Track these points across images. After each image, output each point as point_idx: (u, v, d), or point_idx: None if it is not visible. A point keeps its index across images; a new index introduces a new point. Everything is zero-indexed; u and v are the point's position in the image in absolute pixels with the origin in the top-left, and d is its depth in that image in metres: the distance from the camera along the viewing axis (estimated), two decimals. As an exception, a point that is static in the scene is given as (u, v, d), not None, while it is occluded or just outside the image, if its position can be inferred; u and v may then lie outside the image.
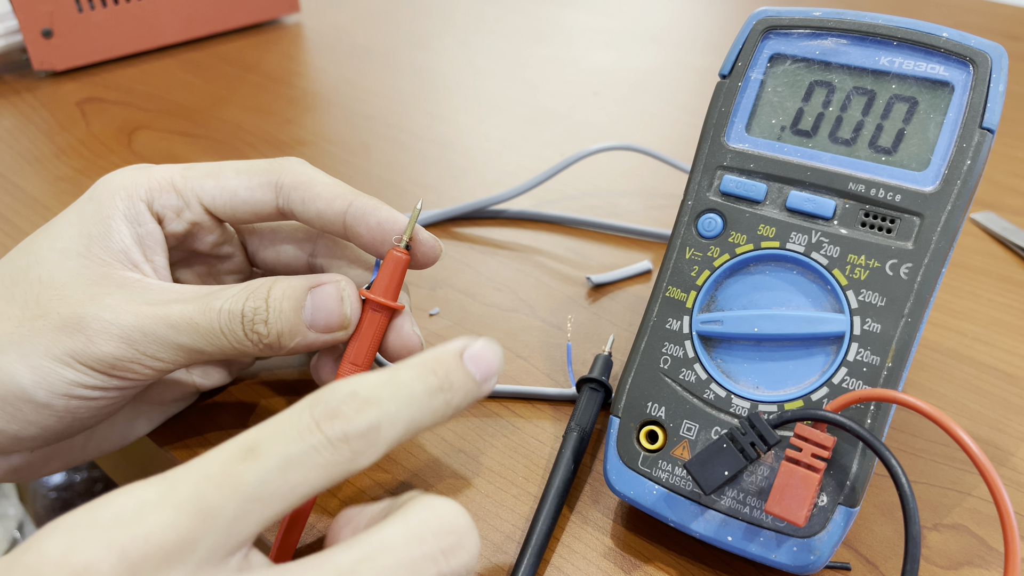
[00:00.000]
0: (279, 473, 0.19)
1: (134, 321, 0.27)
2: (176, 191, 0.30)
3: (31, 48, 0.65)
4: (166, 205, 0.30)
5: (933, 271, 0.26)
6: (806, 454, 0.25)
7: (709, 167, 0.30)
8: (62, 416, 0.27)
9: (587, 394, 0.33)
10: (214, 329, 0.28)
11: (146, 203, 0.30)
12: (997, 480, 0.23)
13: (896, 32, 0.28)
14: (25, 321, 0.27)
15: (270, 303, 0.28)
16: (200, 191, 0.30)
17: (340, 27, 0.79)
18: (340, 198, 0.30)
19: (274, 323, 0.28)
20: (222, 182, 0.30)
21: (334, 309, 0.29)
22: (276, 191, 0.31)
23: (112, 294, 0.28)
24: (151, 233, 0.30)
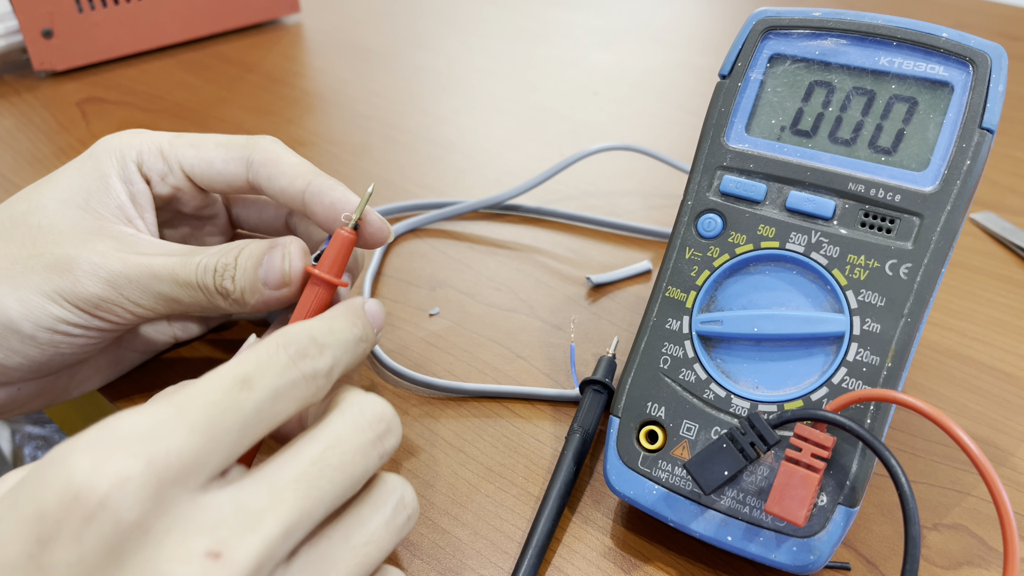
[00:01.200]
0: (270, 402, 0.22)
1: (121, 267, 0.29)
2: (162, 156, 0.33)
3: (31, 48, 0.65)
4: (152, 168, 0.33)
5: (933, 271, 0.26)
6: (806, 454, 0.25)
7: (709, 167, 0.30)
8: (45, 349, 0.30)
9: (590, 396, 0.33)
10: (191, 281, 0.30)
11: (137, 164, 0.32)
12: (996, 480, 0.23)
13: (896, 32, 0.28)
14: (20, 259, 0.29)
15: (238, 261, 0.30)
16: (182, 159, 0.33)
17: (340, 27, 0.79)
18: (301, 177, 0.32)
19: (239, 280, 0.30)
20: (202, 152, 0.33)
21: (278, 267, 0.31)
22: (247, 166, 0.33)
23: (104, 242, 0.30)
24: (142, 192, 0.32)
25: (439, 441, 0.34)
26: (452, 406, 0.35)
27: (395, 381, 0.37)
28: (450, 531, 0.30)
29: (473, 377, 0.37)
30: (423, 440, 0.34)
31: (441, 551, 0.29)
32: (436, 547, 0.29)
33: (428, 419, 0.35)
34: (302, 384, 0.23)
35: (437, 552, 0.29)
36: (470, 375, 0.37)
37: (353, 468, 0.23)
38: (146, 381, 0.36)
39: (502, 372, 0.37)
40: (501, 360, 0.38)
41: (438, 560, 0.29)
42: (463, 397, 0.36)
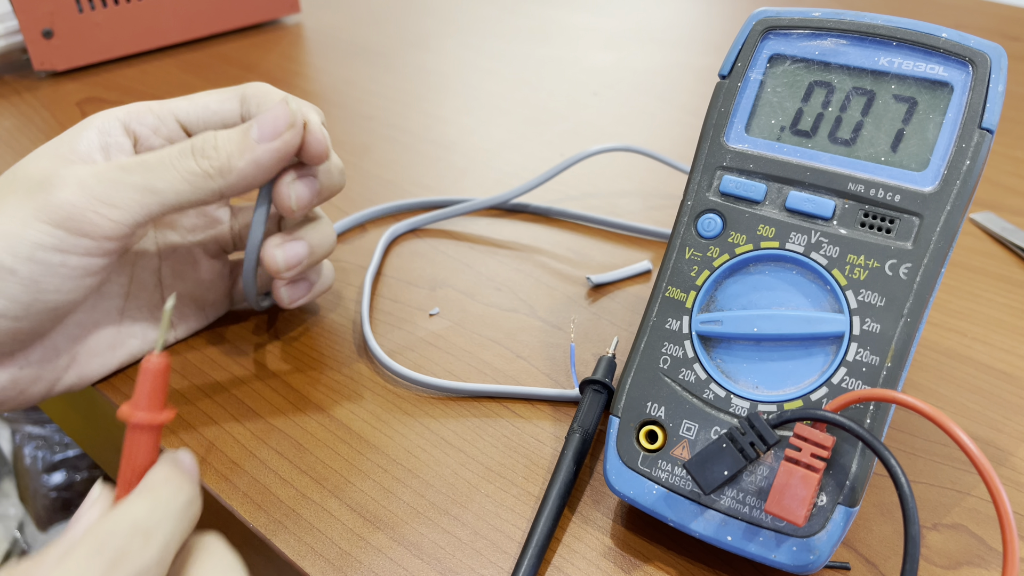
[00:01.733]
0: None
1: (91, 170, 0.30)
2: (152, 112, 0.34)
3: (31, 48, 0.65)
4: (143, 123, 0.33)
5: (932, 271, 0.26)
6: (805, 454, 0.25)
7: (709, 167, 0.30)
8: (27, 285, 0.29)
9: (590, 396, 0.33)
10: (164, 163, 0.31)
11: (122, 122, 0.33)
12: (996, 480, 0.23)
13: (895, 32, 0.28)
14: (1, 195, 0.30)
15: (218, 135, 0.32)
16: (176, 109, 0.34)
17: (340, 27, 0.79)
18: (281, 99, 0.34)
19: (223, 146, 0.31)
20: (195, 100, 0.35)
21: (281, 113, 0.32)
22: (241, 102, 0.35)
23: (76, 165, 0.31)
24: (118, 144, 0.33)
25: (439, 441, 0.34)
26: (452, 406, 0.35)
27: (395, 381, 0.37)
28: (450, 531, 0.30)
29: (473, 377, 0.37)
30: (423, 440, 0.34)
31: (441, 551, 0.29)
32: (436, 547, 0.29)
33: (428, 419, 0.35)
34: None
35: (437, 552, 0.29)
36: (470, 375, 0.37)
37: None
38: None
39: (502, 372, 0.37)
40: (501, 360, 0.38)
41: (438, 560, 0.29)
42: (463, 397, 0.36)
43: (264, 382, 0.36)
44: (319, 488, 0.31)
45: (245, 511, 0.30)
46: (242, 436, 0.33)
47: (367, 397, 0.36)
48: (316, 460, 0.32)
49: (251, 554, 0.31)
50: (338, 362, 0.38)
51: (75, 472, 0.77)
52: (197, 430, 0.34)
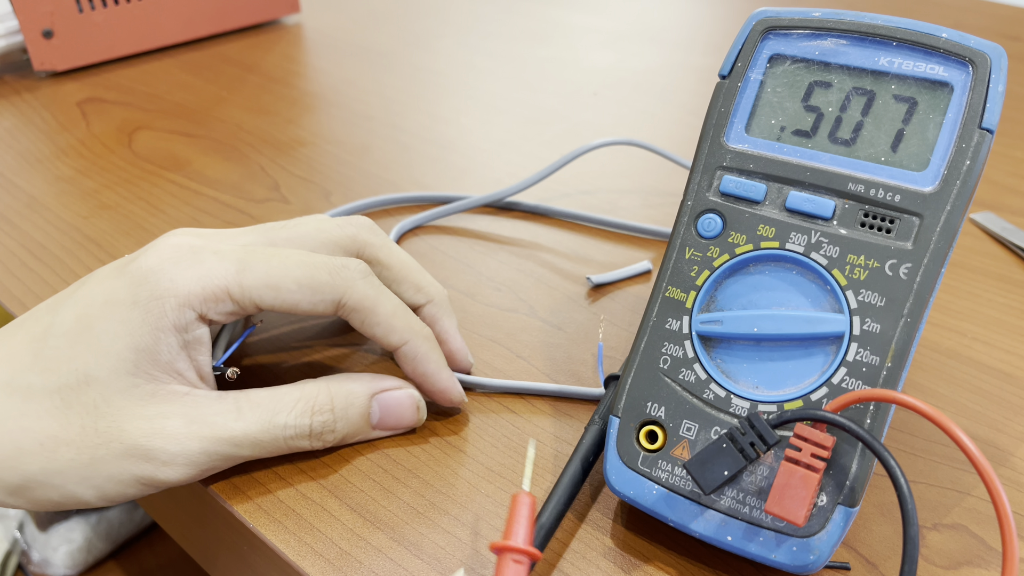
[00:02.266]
0: None
1: (199, 447, 0.29)
2: (232, 300, 0.30)
3: (31, 48, 0.65)
4: (221, 312, 0.30)
5: (932, 271, 0.26)
6: (806, 454, 0.25)
7: (709, 167, 0.30)
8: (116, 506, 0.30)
9: (614, 389, 0.33)
10: (279, 444, 0.30)
11: (198, 313, 0.29)
12: (995, 480, 0.23)
13: (895, 32, 0.28)
14: (86, 448, 0.28)
15: (336, 413, 0.31)
16: (259, 300, 0.30)
17: (340, 27, 0.79)
18: (395, 335, 0.32)
19: (341, 430, 0.31)
20: (282, 295, 0.30)
21: (407, 416, 0.33)
22: (337, 307, 0.31)
23: (169, 417, 0.28)
24: (198, 338, 0.30)
25: (439, 441, 0.34)
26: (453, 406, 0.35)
27: (395, 381, 0.36)
28: (450, 531, 0.30)
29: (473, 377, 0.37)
30: (423, 440, 0.34)
31: (441, 551, 0.29)
32: (436, 547, 0.29)
33: (428, 419, 0.35)
34: None
35: (437, 552, 0.29)
36: (470, 374, 0.37)
37: None
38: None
39: (502, 372, 0.37)
40: (501, 360, 0.38)
41: (438, 560, 0.29)
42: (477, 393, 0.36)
43: (263, 381, 0.36)
44: (319, 488, 0.31)
45: (245, 511, 0.30)
46: (242, 436, 0.33)
47: (367, 397, 0.36)
48: (316, 460, 0.32)
49: (251, 554, 0.31)
50: (339, 363, 0.38)
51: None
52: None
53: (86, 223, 0.48)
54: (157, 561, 0.79)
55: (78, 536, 0.77)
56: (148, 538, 0.81)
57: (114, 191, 0.51)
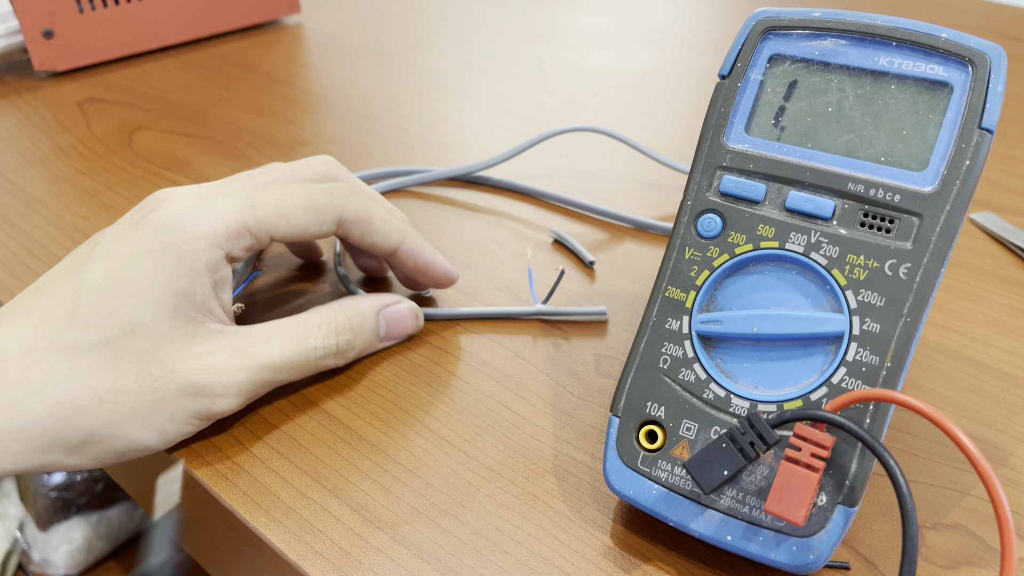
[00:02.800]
0: None
1: (246, 376, 0.31)
2: (251, 233, 0.32)
3: (32, 48, 0.65)
4: (242, 247, 0.32)
5: (932, 271, 0.26)
6: (805, 454, 0.25)
7: (708, 167, 0.30)
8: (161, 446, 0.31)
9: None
10: (310, 365, 0.34)
11: (225, 252, 0.31)
12: (994, 480, 0.23)
13: (895, 33, 0.28)
14: (144, 394, 0.30)
15: (355, 332, 0.35)
16: (272, 229, 0.33)
17: (340, 27, 0.79)
18: (393, 236, 0.36)
19: (359, 345, 0.35)
20: (292, 221, 0.33)
21: (409, 324, 0.37)
22: (337, 224, 0.34)
23: (214, 354, 0.31)
24: (225, 277, 0.32)
25: (439, 441, 0.34)
26: (452, 406, 0.35)
27: (395, 380, 0.37)
28: (450, 531, 0.30)
29: (473, 377, 0.37)
30: (423, 440, 0.34)
31: (441, 551, 0.29)
32: (436, 547, 0.29)
33: (428, 418, 0.35)
34: None
35: (437, 552, 0.29)
36: (470, 374, 0.37)
37: None
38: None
39: (501, 371, 0.37)
40: (501, 360, 0.38)
41: (438, 560, 0.29)
42: (482, 394, 0.36)
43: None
44: (319, 488, 0.31)
45: (245, 511, 0.30)
46: (242, 436, 0.34)
47: (367, 396, 0.36)
48: (316, 460, 0.33)
49: (251, 554, 0.31)
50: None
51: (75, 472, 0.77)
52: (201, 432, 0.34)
53: (86, 223, 0.48)
54: (157, 561, 0.79)
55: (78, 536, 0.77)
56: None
57: (114, 191, 0.51)
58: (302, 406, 0.35)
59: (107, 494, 0.79)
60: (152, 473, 0.36)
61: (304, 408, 0.35)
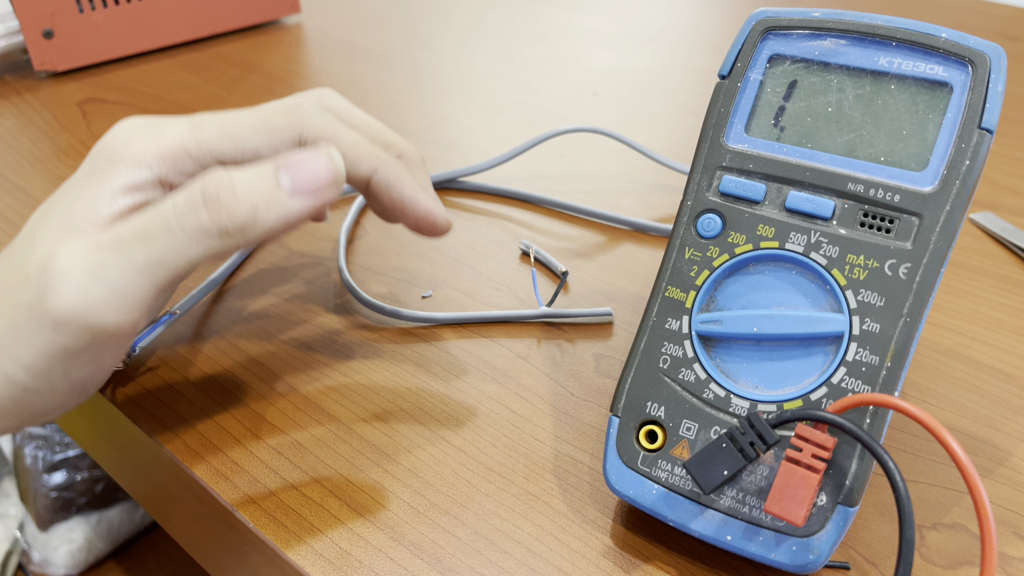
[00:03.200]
0: None
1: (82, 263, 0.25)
2: (191, 157, 0.28)
3: (32, 48, 0.65)
4: (182, 172, 0.28)
5: (932, 271, 0.26)
6: (806, 454, 0.25)
7: (708, 167, 0.30)
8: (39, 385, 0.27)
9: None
10: (169, 227, 0.25)
11: (157, 176, 0.28)
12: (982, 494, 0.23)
13: (895, 33, 0.28)
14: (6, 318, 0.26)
15: (234, 179, 0.26)
16: (218, 153, 0.28)
17: (340, 27, 0.79)
18: (363, 164, 0.30)
19: (244, 194, 0.26)
20: (241, 143, 0.28)
21: (321, 168, 0.27)
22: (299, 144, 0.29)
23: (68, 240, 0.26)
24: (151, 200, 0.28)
25: (439, 441, 0.34)
26: (452, 405, 0.35)
27: (395, 380, 0.37)
28: (450, 531, 0.30)
29: (474, 377, 0.37)
30: (423, 440, 0.34)
31: (441, 551, 0.29)
32: (436, 547, 0.29)
33: (429, 418, 0.35)
34: None
35: (437, 552, 0.29)
36: (470, 374, 0.37)
37: None
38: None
39: (502, 371, 0.37)
40: (501, 360, 0.38)
41: (438, 560, 0.29)
42: (482, 395, 0.36)
43: (265, 382, 0.36)
44: (319, 488, 0.31)
45: (245, 511, 0.30)
46: (242, 436, 0.34)
47: (367, 396, 0.36)
48: (316, 460, 0.33)
49: (251, 554, 0.31)
50: (339, 362, 0.38)
51: (75, 472, 0.77)
52: (197, 429, 0.34)
53: (86, 223, 0.48)
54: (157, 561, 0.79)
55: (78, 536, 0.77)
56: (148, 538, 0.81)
57: (114, 191, 0.51)
58: (302, 406, 0.35)
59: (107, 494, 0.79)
60: (151, 473, 0.36)
61: (304, 408, 0.35)
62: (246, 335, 0.39)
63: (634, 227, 0.48)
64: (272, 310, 0.41)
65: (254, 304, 0.41)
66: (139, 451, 0.36)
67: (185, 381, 0.36)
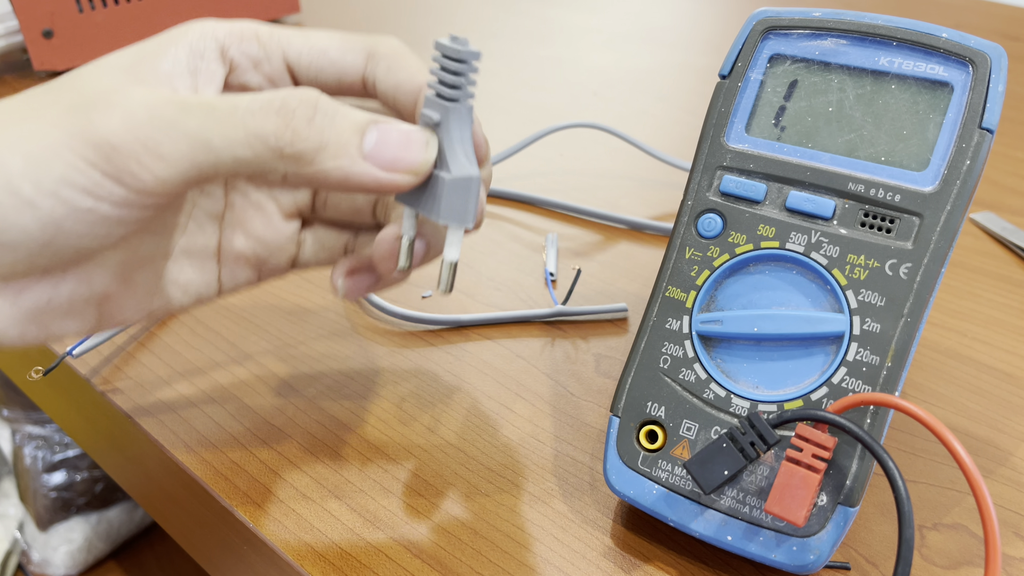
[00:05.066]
0: None
1: (146, 99, 0.23)
2: (259, 41, 0.27)
3: (31, 48, 0.65)
4: (245, 53, 0.27)
5: (932, 271, 0.26)
6: (807, 454, 0.25)
7: (709, 167, 0.30)
8: (46, 223, 0.23)
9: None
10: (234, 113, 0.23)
11: (220, 45, 0.27)
12: (983, 489, 0.23)
13: (895, 32, 0.28)
14: (35, 109, 0.24)
15: (321, 105, 0.24)
16: (286, 44, 0.27)
17: (340, 27, 0.79)
18: (423, 73, 0.27)
19: (320, 127, 0.24)
20: (312, 40, 0.28)
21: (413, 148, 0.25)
22: (367, 57, 0.28)
23: (136, 85, 0.24)
24: (210, 71, 0.26)
25: (439, 441, 0.34)
26: (452, 406, 0.35)
27: (396, 379, 0.37)
28: (450, 531, 0.30)
29: (472, 377, 0.37)
30: (423, 440, 0.34)
31: (441, 551, 0.29)
32: (436, 547, 0.29)
33: (429, 419, 0.35)
34: None
35: (437, 552, 0.29)
36: (470, 374, 0.37)
37: None
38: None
39: (502, 371, 0.37)
40: (501, 360, 0.38)
41: (438, 560, 0.29)
42: (483, 395, 0.36)
43: (266, 383, 0.36)
44: (319, 488, 0.31)
45: (245, 511, 0.30)
46: (242, 436, 0.34)
47: (368, 397, 0.36)
48: (316, 460, 0.32)
49: (251, 554, 0.31)
50: (338, 363, 0.38)
51: (75, 472, 0.77)
52: (197, 429, 0.34)
53: (86, 223, 0.48)
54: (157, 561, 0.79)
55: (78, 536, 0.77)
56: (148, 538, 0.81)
57: (114, 191, 0.51)
58: (302, 406, 0.35)
59: (107, 494, 0.79)
60: (154, 477, 0.36)
61: (304, 408, 0.35)
62: (245, 335, 0.39)
63: (634, 226, 0.48)
64: (272, 310, 0.41)
65: (253, 303, 0.41)
66: (139, 451, 0.36)
67: (185, 381, 0.36)
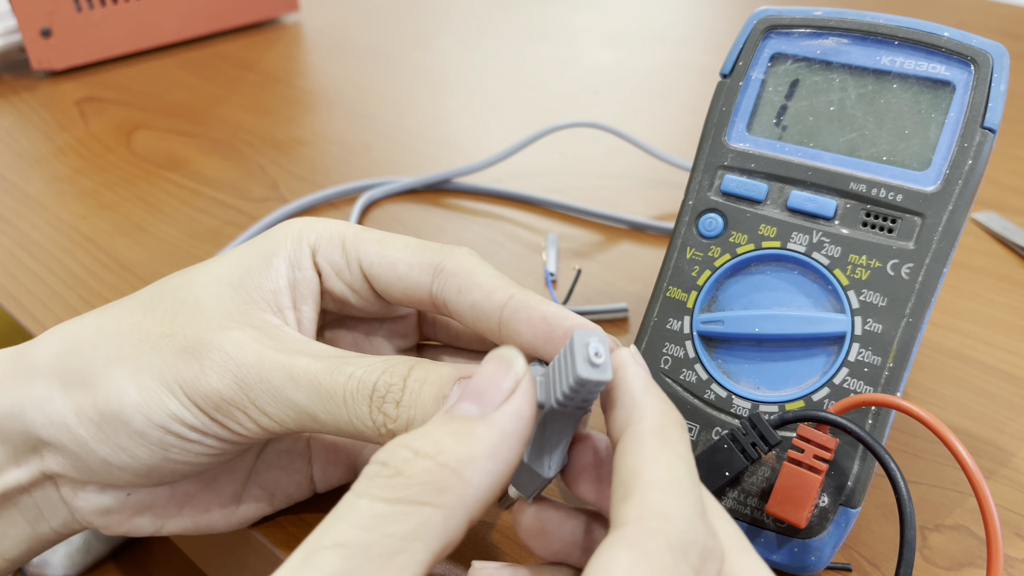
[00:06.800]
0: None
1: (254, 361, 0.25)
2: (343, 248, 0.28)
3: (30, 47, 0.65)
4: (330, 260, 0.28)
5: (934, 271, 0.26)
6: (808, 455, 0.25)
7: (710, 167, 0.30)
8: (153, 451, 0.25)
9: None
10: (337, 395, 0.24)
11: (312, 249, 0.28)
12: (985, 490, 0.23)
13: (897, 31, 0.28)
14: (151, 338, 0.26)
15: (408, 383, 0.24)
16: (363, 254, 0.28)
17: (340, 27, 0.79)
18: (500, 290, 0.26)
19: (407, 407, 0.24)
20: (385, 251, 0.28)
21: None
22: (434, 274, 0.27)
23: (243, 330, 0.26)
24: (307, 280, 0.28)
25: (439, 442, 0.33)
26: (452, 406, 0.35)
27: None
28: (450, 532, 0.30)
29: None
30: (423, 441, 0.33)
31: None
32: (436, 548, 0.29)
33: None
34: None
35: (437, 553, 0.29)
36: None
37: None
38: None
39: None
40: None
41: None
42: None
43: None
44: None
45: (244, 512, 0.30)
46: (241, 437, 0.33)
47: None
48: (315, 461, 0.32)
49: (251, 554, 0.31)
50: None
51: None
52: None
53: (84, 223, 0.48)
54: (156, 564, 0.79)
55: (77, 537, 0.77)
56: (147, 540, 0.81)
57: (112, 191, 0.51)
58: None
59: (106, 494, 0.79)
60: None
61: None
62: (245, 335, 0.39)
63: (635, 226, 0.47)
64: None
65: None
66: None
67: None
